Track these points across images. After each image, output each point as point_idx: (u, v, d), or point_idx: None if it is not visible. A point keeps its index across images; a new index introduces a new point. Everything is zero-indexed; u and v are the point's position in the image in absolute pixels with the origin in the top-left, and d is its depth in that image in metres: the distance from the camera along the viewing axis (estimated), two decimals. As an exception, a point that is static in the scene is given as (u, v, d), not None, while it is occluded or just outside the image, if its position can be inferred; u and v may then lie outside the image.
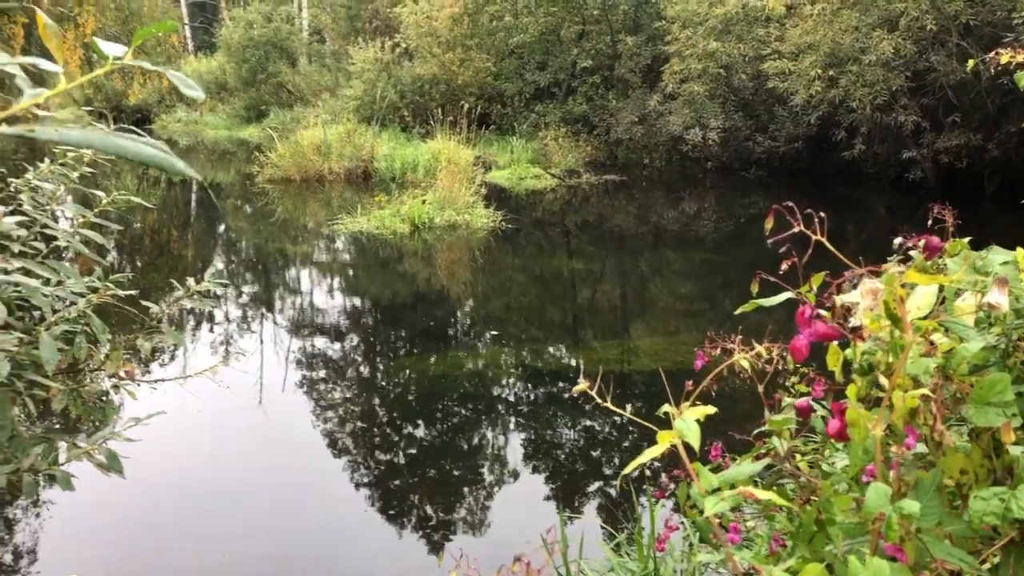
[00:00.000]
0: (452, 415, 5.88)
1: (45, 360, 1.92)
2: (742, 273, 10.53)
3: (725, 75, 17.29)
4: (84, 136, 0.52)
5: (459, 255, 11.07)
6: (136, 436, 2.29)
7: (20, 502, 4.27)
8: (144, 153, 0.54)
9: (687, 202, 16.39)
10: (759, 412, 1.65)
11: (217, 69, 34.55)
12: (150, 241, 12.39)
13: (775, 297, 1.23)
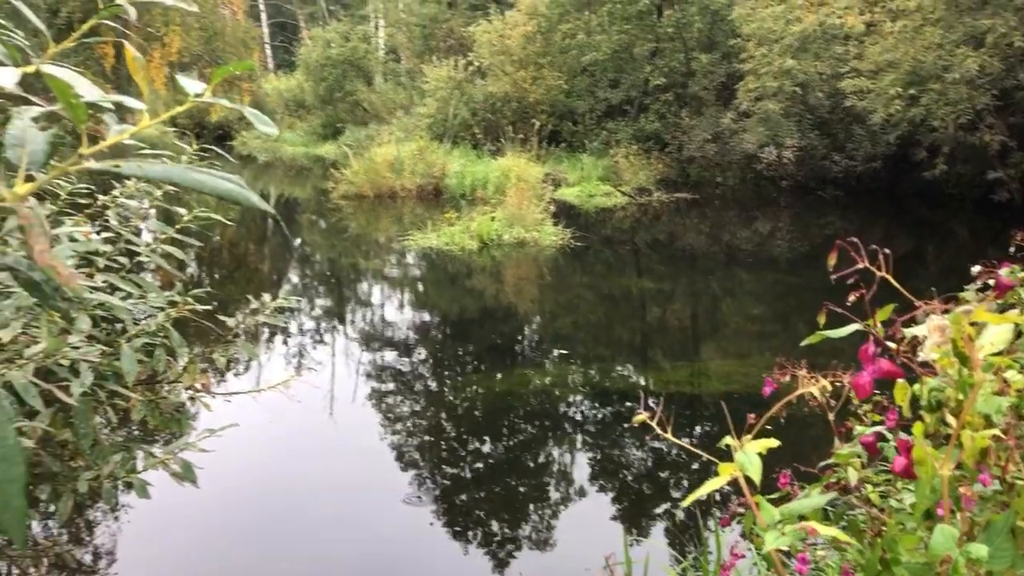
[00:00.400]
0: (518, 432, 5.88)
1: (126, 371, 1.99)
2: (817, 296, 10.26)
3: (801, 93, 16.98)
4: (165, 172, 0.55)
5: (527, 272, 11.10)
6: (209, 447, 2.35)
7: (99, 506, 4.42)
8: (221, 187, 0.56)
9: (760, 221, 16.12)
10: (831, 438, 1.61)
11: (296, 87, 35.47)
12: (228, 255, 12.74)
13: (842, 329, 1.20)
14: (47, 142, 0.60)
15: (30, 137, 0.60)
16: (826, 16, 16.35)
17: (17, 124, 0.62)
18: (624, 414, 6.10)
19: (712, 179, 19.52)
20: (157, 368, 2.41)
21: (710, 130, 18.94)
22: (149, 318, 2.26)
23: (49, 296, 0.62)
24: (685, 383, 6.91)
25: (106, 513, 4.43)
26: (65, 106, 0.58)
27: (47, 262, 0.48)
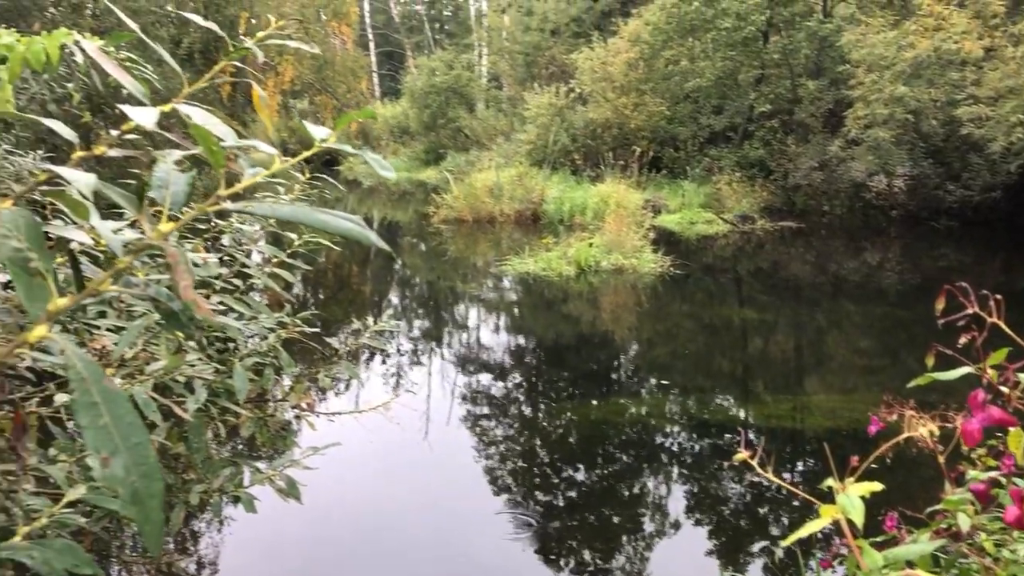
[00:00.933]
0: (613, 461, 5.83)
1: (238, 389, 2.08)
2: (928, 331, 9.86)
3: (914, 121, 16.39)
4: (293, 212, 0.59)
5: (624, 299, 11.03)
6: (312, 464, 2.43)
7: (205, 517, 4.59)
8: (343, 227, 0.60)
9: (869, 252, 15.59)
10: (942, 481, 1.55)
11: (400, 114, 36.39)
12: (332, 276, 13.12)
13: (952, 372, 1.16)
14: (188, 183, 0.65)
15: (173, 179, 0.65)
16: (942, 41, 15.77)
17: (162, 167, 0.67)
18: (723, 447, 5.98)
19: (818, 208, 19.00)
20: (266, 387, 2.51)
21: (817, 158, 18.48)
22: (260, 338, 2.36)
23: (185, 325, 0.66)
24: (787, 417, 6.72)
25: (209, 524, 4.60)
26: (206, 151, 0.63)
27: (190, 297, 0.53)
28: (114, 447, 0.46)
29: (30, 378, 1.78)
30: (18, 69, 2.31)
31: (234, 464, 2.31)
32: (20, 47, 2.32)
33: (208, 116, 0.84)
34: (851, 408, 6.70)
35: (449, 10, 54.79)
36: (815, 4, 20.58)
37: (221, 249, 2.67)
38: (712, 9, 20.66)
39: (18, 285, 0.55)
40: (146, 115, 0.76)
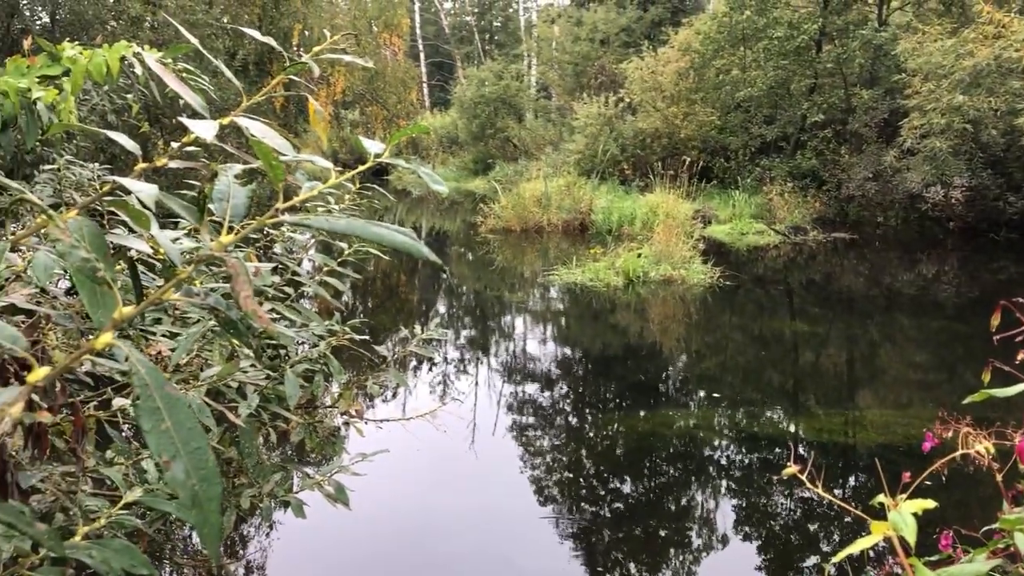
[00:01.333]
0: (660, 473, 5.78)
1: (289, 396, 2.11)
2: (986, 346, 9.59)
3: (972, 131, 16.01)
4: (349, 225, 0.60)
5: (673, 310, 10.94)
6: (360, 471, 2.45)
7: (254, 522, 4.66)
8: (396, 240, 0.61)
9: (925, 264, 15.25)
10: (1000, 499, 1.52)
11: (450, 124, 36.67)
12: (380, 285, 13.24)
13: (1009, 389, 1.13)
14: (247, 196, 0.67)
15: (234, 192, 0.67)
16: (1002, 49, 15.39)
17: (223, 180, 0.69)
18: (773, 462, 5.89)
19: (872, 219, 18.66)
20: (316, 393, 2.54)
21: (871, 168, 18.15)
22: (310, 346, 2.40)
23: (243, 333, 0.68)
24: (839, 432, 6.60)
25: (258, 528, 4.66)
26: (265, 165, 0.64)
27: (250, 307, 0.54)
28: (175, 451, 0.47)
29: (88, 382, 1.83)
30: (80, 81, 2.38)
31: (284, 469, 2.35)
32: (83, 60, 2.39)
33: (266, 129, 0.86)
34: (906, 423, 6.56)
35: (499, 20, 55.14)
36: (869, 12, 20.27)
37: (273, 257, 2.72)
38: (764, 18, 20.48)
39: (84, 293, 0.57)
40: (206, 128, 0.78)
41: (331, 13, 21.21)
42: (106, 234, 0.78)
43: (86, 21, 12.22)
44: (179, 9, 13.79)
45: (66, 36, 12.54)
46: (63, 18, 12.24)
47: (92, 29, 12.53)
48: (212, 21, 14.75)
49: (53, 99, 2.17)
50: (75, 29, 12.36)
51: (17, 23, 11.51)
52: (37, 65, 2.29)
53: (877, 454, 5.91)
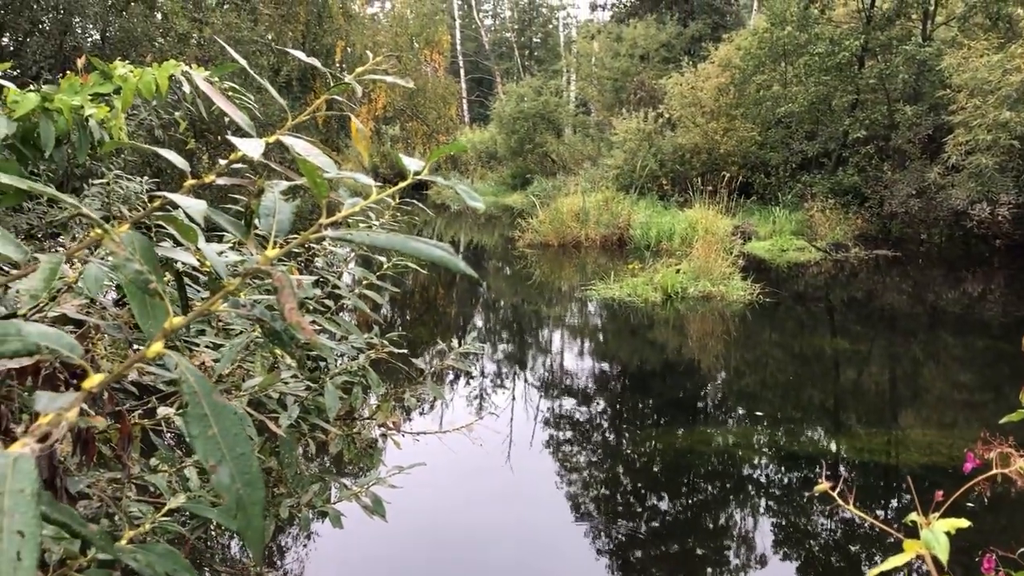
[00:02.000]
0: (698, 491, 5.74)
1: (328, 407, 2.14)
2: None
3: (1019, 147, 15.71)
4: (389, 240, 0.62)
5: (712, 327, 10.86)
6: (397, 483, 2.47)
7: (291, 531, 4.70)
8: (434, 255, 0.63)
9: (970, 282, 14.97)
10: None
11: (489, 139, 36.88)
12: (418, 298, 13.32)
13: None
14: (292, 212, 0.69)
15: (279, 208, 0.69)
16: (1051, 64, 15.14)
17: (269, 196, 0.71)
18: (811, 479, 5.81)
19: (916, 236, 18.35)
20: (354, 405, 2.57)
21: (914, 185, 17.87)
22: (350, 358, 2.43)
23: (287, 344, 0.70)
24: (880, 452, 6.49)
25: (295, 538, 4.71)
26: (310, 183, 0.67)
27: (295, 319, 0.56)
28: (221, 456, 0.49)
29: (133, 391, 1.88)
30: (131, 99, 2.44)
31: (322, 480, 2.38)
32: (133, 78, 2.45)
33: (309, 147, 0.89)
34: (949, 444, 6.43)
35: (539, 37, 55.44)
36: (913, 28, 20.02)
37: (314, 271, 2.76)
38: (805, 34, 20.32)
39: (135, 304, 0.60)
40: (253, 147, 0.81)
41: (373, 30, 21.48)
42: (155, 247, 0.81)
43: (135, 38, 12.51)
44: (225, 27, 14.07)
45: (116, 53, 12.87)
46: (113, 35, 12.54)
47: (141, 46, 12.82)
48: (257, 38, 15.03)
49: (104, 116, 2.23)
50: (124, 46, 12.66)
51: (69, 40, 11.82)
52: (90, 83, 2.36)
53: (919, 474, 5.81)
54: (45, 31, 11.48)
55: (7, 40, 12.04)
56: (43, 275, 0.74)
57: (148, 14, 13.28)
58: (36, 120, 2.06)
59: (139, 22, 12.54)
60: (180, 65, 2.40)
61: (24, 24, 10.77)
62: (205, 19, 14.83)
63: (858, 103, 20.33)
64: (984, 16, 18.21)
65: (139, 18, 12.62)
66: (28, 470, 0.45)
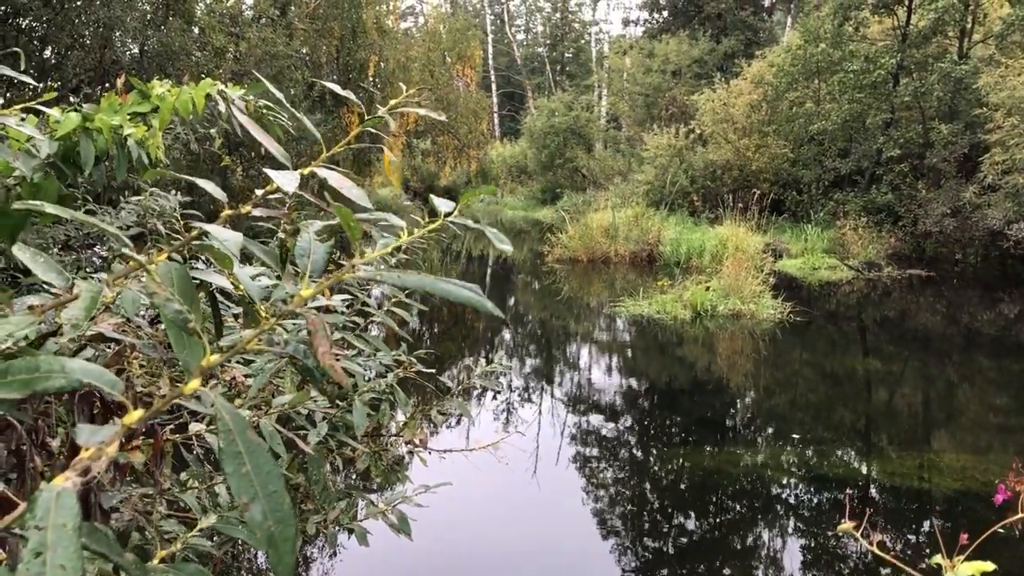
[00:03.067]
0: (725, 511, 5.69)
1: (356, 425, 2.16)
2: (1072, 389, 9.23)
3: (1058, 167, 15.46)
4: (419, 281, 0.63)
5: (741, 345, 10.77)
6: (424, 501, 2.49)
7: (316, 545, 4.72)
8: (462, 296, 0.64)
9: (1007, 304, 14.73)
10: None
11: (519, 154, 36.99)
12: (447, 312, 13.37)
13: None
14: (326, 252, 0.71)
15: (314, 248, 0.71)
16: (1091, 83, 14.91)
17: (304, 237, 0.73)
18: (841, 503, 5.74)
19: (950, 256, 18.10)
20: (381, 421, 2.59)
21: (949, 204, 17.65)
22: (378, 376, 2.45)
23: (319, 381, 0.72)
24: (912, 475, 6.39)
25: (320, 552, 4.73)
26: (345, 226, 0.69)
27: (328, 362, 0.58)
28: (254, 493, 0.51)
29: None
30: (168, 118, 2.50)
31: (349, 496, 2.40)
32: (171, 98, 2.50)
33: (343, 179, 0.91)
34: (984, 469, 6.33)
35: (571, 52, 55.60)
36: (950, 45, 19.82)
37: (344, 289, 2.79)
38: (839, 51, 20.21)
39: (173, 339, 0.62)
40: (288, 181, 0.83)
41: (406, 45, 21.68)
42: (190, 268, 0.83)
43: (173, 52, 12.74)
44: (261, 41, 14.30)
45: (154, 66, 13.12)
46: (151, 49, 12.78)
47: (178, 60, 13.05)
48: (292, 52, 15.24)
49: (142, 135, 2.28)
50: (162, 60, 12.89)
51: (109, 54, 12.06)
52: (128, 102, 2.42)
53: (953, 500, 5.72)
54: (86, 45, 11.72)
55: (49, 53, 12.31)
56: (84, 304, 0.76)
57: (186, 28, 13.53)
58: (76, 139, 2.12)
59: (177, 36, 12.77)
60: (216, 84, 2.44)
61: (66, 39, 11.00)
62: (241, 33, 15.07)
63: (892, 121, 20.15)
64: (1022, 35, 17.98)
65: (177, 32, 12.86)
66: (71, 505, 0.47)
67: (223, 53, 14.10)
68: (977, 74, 17.81)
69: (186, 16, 13.88)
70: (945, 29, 19.16)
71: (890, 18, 20.56)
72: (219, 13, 15.11)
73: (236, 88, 2.67)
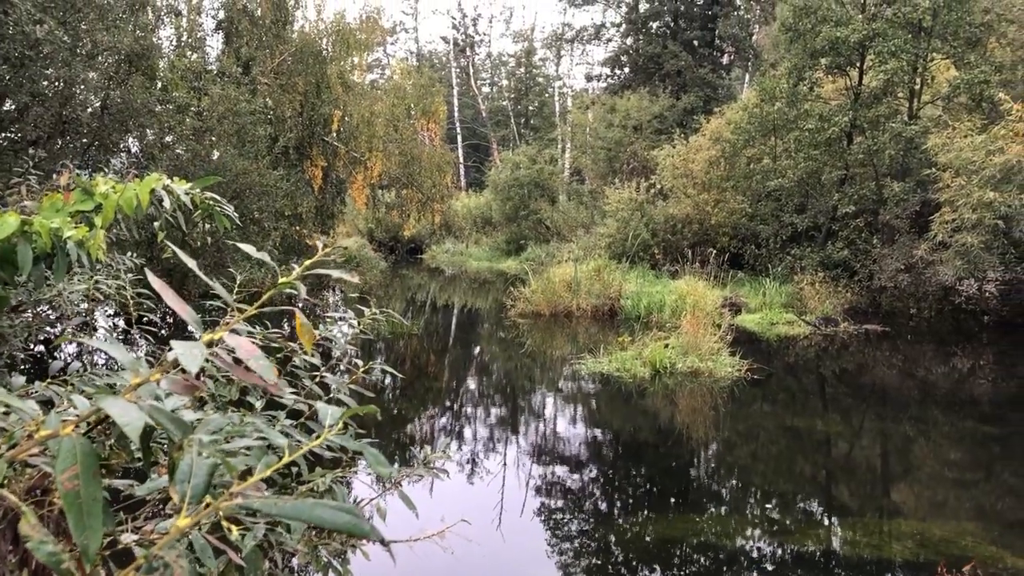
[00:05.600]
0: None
1: (294, 527, 2.14)
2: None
3: (1004, 227, 15.90)
4: (295, 508, 0.65)
5: (699, 404, 10.83)
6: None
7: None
8: (338, 522, 0.66)
9: (959, 358, 15.02)
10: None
11: (484, 205, 37.29)
12: (411, 365, 13.30)
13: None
14: (209, 473, 0.72)
15: (196, 470, 0.72)
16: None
17: (187, 458, 0.74)
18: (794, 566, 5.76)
19: (905, 310, 18.47)
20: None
21: (903, 260, 18.05)
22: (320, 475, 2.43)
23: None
24: (865, 544, 6.43)
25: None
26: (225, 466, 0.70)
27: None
28: None
29: None
30: (111, 216, 2.50)
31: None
32: (114, 196, 2.51)
33: (252, 348, 0.92)
34: (941, 524, 6.40)
35: (534, 105, 56.38)
36: (900, 106, 20.46)
37: (292, 369, 2.77)
38: (795, 110, 20.75)
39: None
40: (192, 358, 0.84)
41: (371, 99, 21.85)
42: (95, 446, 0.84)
43: (134, 109, 12.72)
44: (223, 98, 14.33)
45: (115, 123, 13.08)
46: (112, 105, 12.75)
47: (140, 116, 13.02)
48: (255, 108, 15.28)
49: (83, 235, 2.28)
50: (124, 116, 12.86)
51: (69, 110, 12.01)
52: (72, 201, 2.42)
53: (911, 566, 5.76)
54: (46, 100, 11.66)
55: (10, 105, 12.24)
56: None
57: (148, 85, 13.52)
58: (15, 242, 2.11)
59: (139, 92, 12.76)
60: (161, 179, 2.46)
61: (24, 95, 10.95)
62: (204, 89, 15.11)
63: (847, 178, 20.66)
64: (968, 97, 18.62)
65: (139, 88, 12.85)
66: None
67: (185, 109, 14.10)
68: (927, 134, 18.36)
69: (148, 72, 13.89)
70: (895, 90, 19.79)
71: (843, 78, 21.21)
72: (182, 69, 15.15)
73: (181, 182, 2.69)
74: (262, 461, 0.75)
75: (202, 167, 13.31)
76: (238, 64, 16.87)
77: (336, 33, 20.61)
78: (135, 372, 0.96)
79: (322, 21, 21.37)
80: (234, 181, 13.70)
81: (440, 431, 9.53)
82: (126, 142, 14.14)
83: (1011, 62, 19.50)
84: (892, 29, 18.79)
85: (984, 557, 5.80)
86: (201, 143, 13.91)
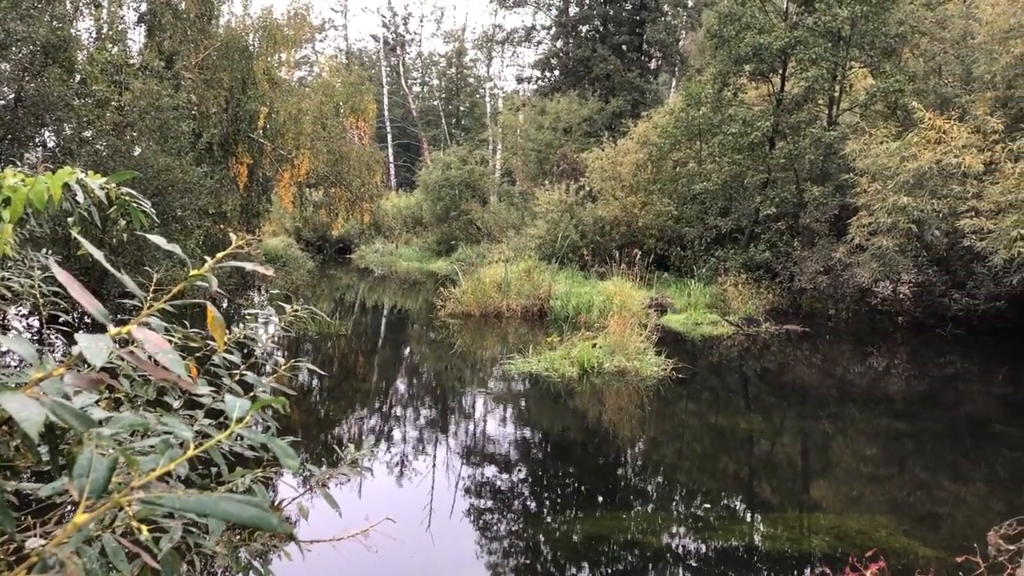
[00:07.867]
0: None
1: (213, 529, 2.10)
2: (935, 438, 9.77)
3: (917, 230, 16.53)
4: (199, 503, 0.64)
5: (625, 403, 10.98)
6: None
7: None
8: (244, 516, 0.66)
9: (875, 357, 15.56)
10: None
11: (414, 205, 37.09)
12: (339, 367, 13.15)
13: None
14: (109, 469, 0.71)
15: (95, 465, 0.71)
16: (943, 154, 16.07)
17: (86, 453, 0.73)
18: (711, 566, 5.89)
19: (824, 311, 19.06)
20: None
21: (822, 262, 18.62)
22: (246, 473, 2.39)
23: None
24: (783, 539, 6.62)
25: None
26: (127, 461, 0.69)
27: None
28: None
29: None
30: (20, 210, 2.42)
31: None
32: (24, 189, 2.43)
33: (160, 342, 0.91)
34: (856, 529, 6.61)
35: (465, 106, 56.35)
36: (820, 112, 21.10)
37: (211, 369, 2.72)
38: (719, 115, 21.21)
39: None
40: (97, 352, 0.83)
41: (298, 96, 21.53)
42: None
43: (51, 102, 12.28)
44: (145, 92, 13.94)
45: (30, 116, 12.61)
46: (27, 98, 12.28)
47: (57, 109, 12.58)
48: (178, 103, 14.90)
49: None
50: (40, 109, 12.40)
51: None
52: (-23, 195, 2.33)
53: (829, 558, 5.94)
54: (-46, 91, 11.18)
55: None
56: None
57: (66, 78, 13.06)
58: (-85, 237, 2.02)
59: (56, 85, 12.31)
60: (75, 172, 2.39)
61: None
62: (126, 83, 14.66)
63: (769, 182, 21.20)
64: (884, 105, 19.31)
65: (56, 81, 12.40)
66: None
67: (105, 103, 13.67)
68: (845, 140, 18.97)
69: (66, 64, 13.42)
70: (815, 96, 20.39)
71: (766, 84, 21.77)
72: (102, 62, 14.68)
73: (97, 177, 2.62)
74: (166, 455, 0.73)
75: (123, 163, 12.92)
76: (161, 58, 16.41)
77: (263, 28, 20.25)
78: (37, 367, 0.93)
79: (249, 16, 20.98)
80: (156, 178, 13.33)
81: (368, 432, 9.45)
82: (41, 136, 13.64)
83: (923, 72, 20.28)
84: (813, 37, 19.37)
85: (897, 548, 6.02)
86: (122, 139, 13.49)
